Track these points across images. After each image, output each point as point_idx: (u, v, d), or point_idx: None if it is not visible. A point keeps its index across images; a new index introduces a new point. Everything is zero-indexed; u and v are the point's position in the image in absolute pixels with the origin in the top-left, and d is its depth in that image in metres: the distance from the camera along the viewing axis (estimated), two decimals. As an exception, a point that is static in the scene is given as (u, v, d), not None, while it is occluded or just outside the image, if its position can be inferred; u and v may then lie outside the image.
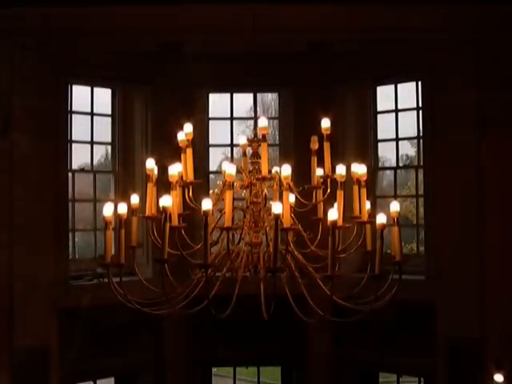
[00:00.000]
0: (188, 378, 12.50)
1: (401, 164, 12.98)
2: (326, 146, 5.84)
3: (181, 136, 5.82)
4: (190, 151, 5.80)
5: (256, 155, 5.77)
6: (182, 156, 5.80)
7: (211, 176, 13.23)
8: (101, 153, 17.79)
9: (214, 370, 13.84)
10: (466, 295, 10.78)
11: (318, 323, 5.50)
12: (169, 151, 6.46)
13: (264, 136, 5.43)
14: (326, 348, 12.27)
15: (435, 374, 11.27)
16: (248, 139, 5.92)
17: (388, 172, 14.14)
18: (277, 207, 4.71)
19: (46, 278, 10.83)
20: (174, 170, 5.45)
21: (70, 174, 11.71)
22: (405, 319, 11.54)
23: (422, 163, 11.99)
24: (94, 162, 12.86)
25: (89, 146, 12.19)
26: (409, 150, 19.91)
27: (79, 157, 12.79)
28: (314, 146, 6.04)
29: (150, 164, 5.66)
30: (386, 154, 14.86)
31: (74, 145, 11.84)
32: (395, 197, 12.32)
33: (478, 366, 10.74)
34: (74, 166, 12.09)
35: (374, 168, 12.41)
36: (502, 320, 10.61)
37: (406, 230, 15.43)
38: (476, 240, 10.74)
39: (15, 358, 10.50)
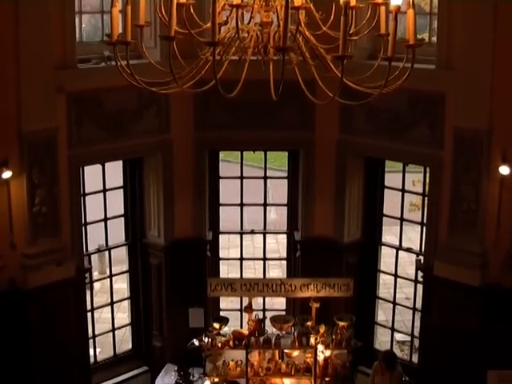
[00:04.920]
0: (195, 160, 12.68)
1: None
2: None
3: None
4: None
5: None
6: None
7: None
8: None
9: (221, 155, 13.93)
10: (476, 86, 10.71)
11: (326, 104, 5.39)
12: None
13: None
14: (334, 134, 12.36)
15: (442, 163, 11.40)
16: None
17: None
18: (288, -17, 4.49)
19: (53, 61, 10.74)
20: None
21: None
22: (414, 109, 11.54)
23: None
24: None
25: None
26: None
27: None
28: None
29: None
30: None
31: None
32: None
33: (484, 157, 10.83)
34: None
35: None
36: (510, 113, 10.58)
37: (418, 19, 15.04)
38: (490, 30, 10.49)
39: (24, 141, 10.62)
